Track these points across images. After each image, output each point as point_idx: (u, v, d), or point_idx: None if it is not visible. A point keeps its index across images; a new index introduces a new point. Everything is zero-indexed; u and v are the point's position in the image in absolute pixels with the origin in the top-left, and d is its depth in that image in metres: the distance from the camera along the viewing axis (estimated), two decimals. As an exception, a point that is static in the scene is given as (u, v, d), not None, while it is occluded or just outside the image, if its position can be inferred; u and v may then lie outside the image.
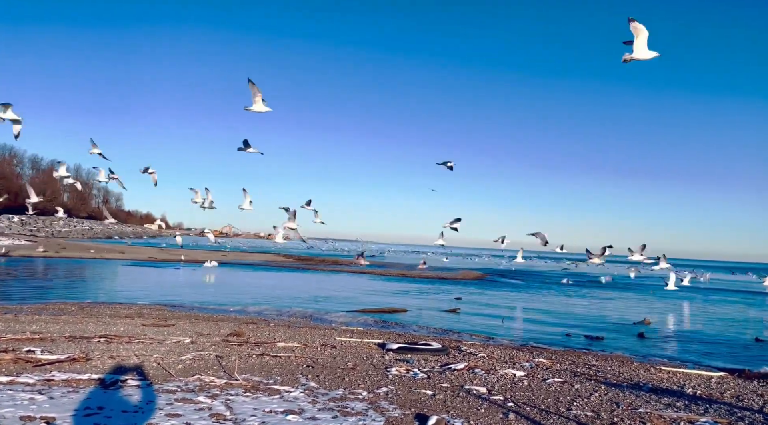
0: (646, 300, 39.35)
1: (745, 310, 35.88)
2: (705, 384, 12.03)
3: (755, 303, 41.91)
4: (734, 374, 13.59)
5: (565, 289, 46.17)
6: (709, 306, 37.80)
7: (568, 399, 9.82)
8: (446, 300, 32.63)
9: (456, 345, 15.75)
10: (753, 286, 63.73)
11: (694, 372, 13.49)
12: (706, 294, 47.36)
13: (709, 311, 33.95)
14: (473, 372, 11.72)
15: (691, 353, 18.79)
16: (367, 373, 11.11)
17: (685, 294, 47.04)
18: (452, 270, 62.41)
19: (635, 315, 28.19)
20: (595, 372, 12.78)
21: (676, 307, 35.40)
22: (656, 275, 48.70)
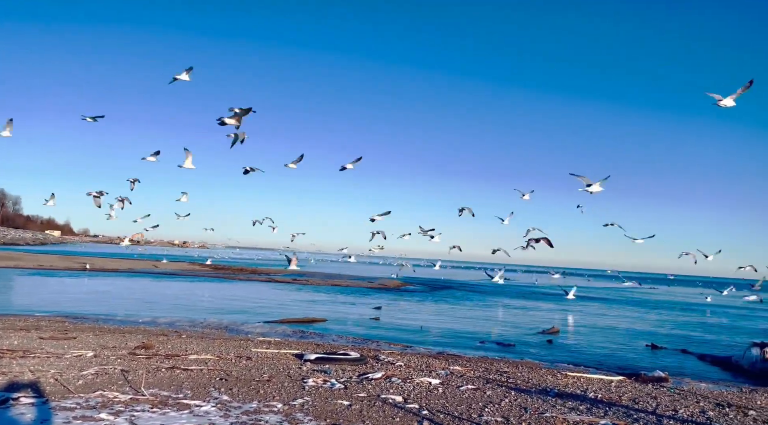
0: (555, 309, 41.38)
1: (640, 317, 38.56)
2: (606, 388, 12.81)
3: (649, 310, 45.13)
4: (631, 378, 14.57)
5: (482, 298, 47.72)
6: (610, 313, 40.31)
7: (480, 405, 10.12)
8: (367, 309, 32.73)
9: (374, 354, 15.81)
10: (644, 294, 68.87)
11: (596, 377, 14.33)
12: (608, 303, 50.58)
13: (609, 318, 36.20)
14: (390, 381, 11.81)
15: (594, 358, 19.94)
16: (283, 385, 10.90)
17: (587, 303, 50.07)
18: (374, 279, 62.71)
19: (545, 323, 29.58)
20: (507, 378, 13.26)
21: (580, 315, 37.45)
22: (561, 285, 51.52)
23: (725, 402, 11.87)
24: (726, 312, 48.01)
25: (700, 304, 55.90)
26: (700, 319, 39.78)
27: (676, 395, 12.50)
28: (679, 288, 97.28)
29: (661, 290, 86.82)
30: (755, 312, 49.34)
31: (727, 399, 12.30)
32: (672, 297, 68.62)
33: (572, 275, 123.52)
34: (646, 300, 58.00)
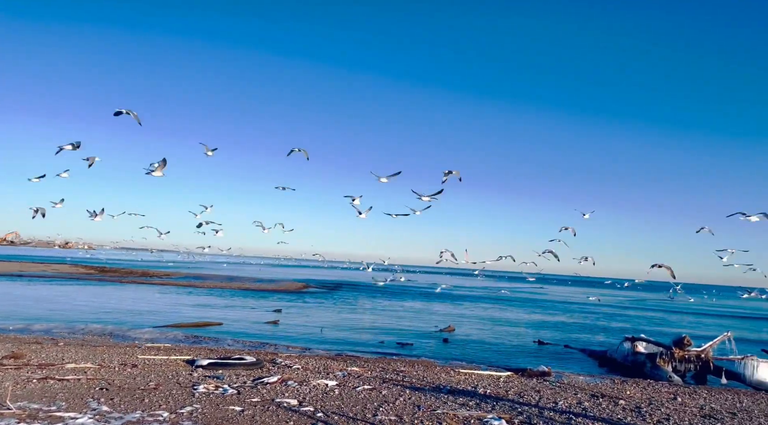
0: (452, 308, 42.85)
1: (529, 315, 40.96)
2: (494, 384, 13.44)
3: (539, 309, 48.05)
4: (518, 373, 15.40)
5: (385, 298, 48.39)
6: (504, 312, 42.43)
7: (375, 405, 10.22)
8: (266, 311, 32.02)
9: (271, 357, 15.47)
10: (538, 294, 73.41)
11: (486, 373, 15.00)
12: (503, 302, 53.23)
13: (503, 317, 38.11)
14: (286, 385, 11.60)
15: (487, 355, 20.86)
16: (171, 392, 10.35)
17: (483, 302, 52.43)
18: (274, 281, 61.50)
19: (442, 322, 30.55)
20: (403, 377, 13.51)
21: (477, 314, 39.08)
22: (466, 286, 53.63)
23: (599, 393, 12.89)
24: (607, 310, 52.26)
25: (585, 303, 60.43)
26: (583, 317, 42.90)
27: (557, 388, 13.38)
28: (571, 288, 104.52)
29: (555, 289, 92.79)
30: (630, 310, 54.13)
31: (601, 390, 13.36)
32: (562, 296, 73.54)
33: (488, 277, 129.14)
34: (536, 300, 61.67)
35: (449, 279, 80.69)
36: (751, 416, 11.50)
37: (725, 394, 14.24)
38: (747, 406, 12.65)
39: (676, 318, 46.66)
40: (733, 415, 11.44)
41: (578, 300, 65.48)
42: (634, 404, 11.85)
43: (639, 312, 52.54)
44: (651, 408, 11.49)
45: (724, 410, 11.94)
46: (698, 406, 12.19)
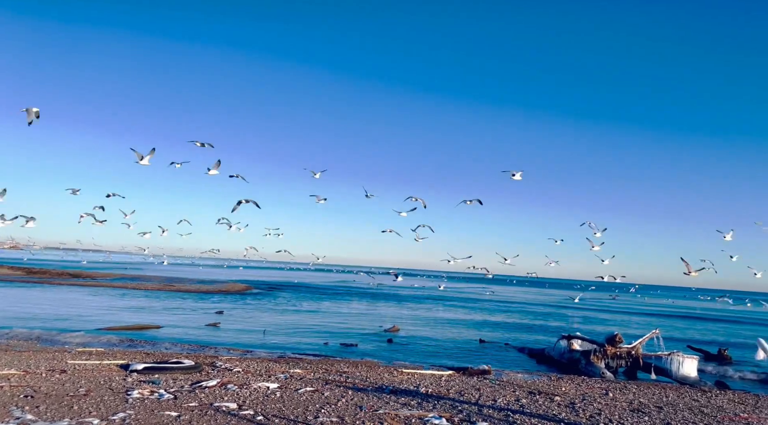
0: (397, 308, 43.14)
1: (472, 315, 41.77)
2: (436, 383, 13.61)
3: (481, 309, 49.06)
4: (460, 371, 15.67)
5: (331, 299, 48.15)
6: (448, 312, 43.08)
7: (317, 406, 10.14)
8: (207, 314, 31.21)
9: (211, 361, 15.09)
10: (482, 294, 74.96)
11: (429, 372, 15.18)
12: (446, 302, 54.03)
13: (447, 317, 38.69)
14: (226, 388, 11.34)
15: (430, 354, 21.12)
16: (103, 399, 9.91)
17: (428, 302, 53.06)
18: (216, 282, 60.04)
19: (387, 322, 30.69)
20: (346, 378, 13.47)
21: (421, 314, 39.50)
22: (407, 285, 54.10)
23: (536, 390, 13.28)
24: (547, 309, 53.98)
25: (527, 303, 62.20)
26: (524, 316, 44.11)
27: (496, 385, 13.70)
28: (514, 288, 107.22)
29: (500, 289, 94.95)
30: (569, 310, 56.11)
31: (538, 387, 13.77)
32: (505, 296, 75.34)
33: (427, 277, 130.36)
34: (479, 299, 62.92)
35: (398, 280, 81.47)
36: (676, 409, 12.14)
37: (653, 389, 14.99)
38: (672, 400, 13.35)
39: (610, 317, 48.67)
40: (660, 409, 12.05)
41: (520, 300, 67.35)
42: (569, 400, 12.29)
43: (578, 311, 54.51)
44: (584, 404, 11.94)
45: (651, 404, 12.56)
46: (628, 401, 12.77)
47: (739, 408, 12.95)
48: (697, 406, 12.67)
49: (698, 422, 10.87)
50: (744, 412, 12.38)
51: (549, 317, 44.67)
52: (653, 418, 10.96)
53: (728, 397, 14.46)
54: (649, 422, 10.60)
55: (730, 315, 60.57)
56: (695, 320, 51.46)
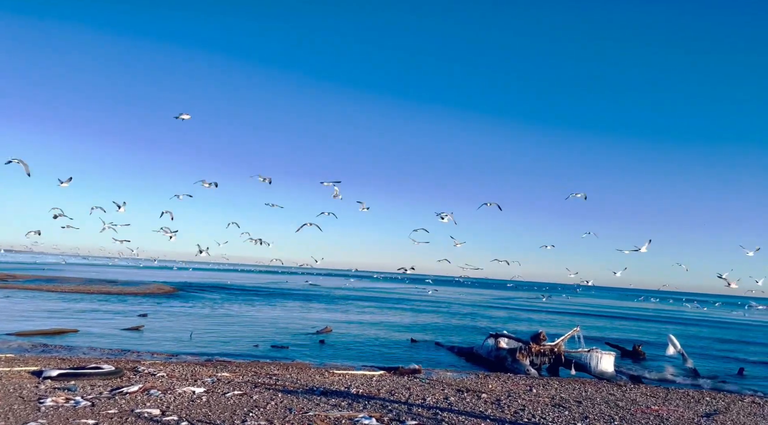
0: (330, 309, 42.95)
1: (405, 315, 42.23)
2: (367, 383, 13.66)
3: (414, 309, 49.70)
4: (391, 371, 15.80)
5: (264, 300, 47.23)
6: (381, 312, 43.33)
7: (245, 410, 9.93)
8: (129, 317, 29.82)
9: (133, 366, 14.43)
10: (415, 294, 75.98)
11: (360, 373, 15.21)
12: (380, 303, 54.35)
13: (380, 317, 38.90)
14: (149, 394, 10.88)
15: (363, 355, 21.17)
16: (12, 408, 9.26)
17: (362, 302, 53.19)
18: (141, 284, 57.49)
19: (320, 323, 30.48)
20: (276, 380, 13.27)
21: (354, 315, 39.52)
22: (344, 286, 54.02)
23: (464, 388, 13.60)
24: (476, 309, 55.38)
25: (457, 303, 63.55)
26: (455, 316, 45.05)
27: (426, 384, 13.92)
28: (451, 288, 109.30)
29: (433, 289, 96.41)
30: (497, 310, 57.80)
31: (466, 385, 14.12)
32: (438, 296, 76.65)
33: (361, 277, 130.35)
34: (412, 300, 63.70)
35: (321, 279, 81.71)
36: (594, 403, 12.79)
37: (573, 384, 15.72)
38: (591, 394, 14.05)
39: (537, 316, 50.59)
40: (579, 403, 12.65)
41: (453, 300, 68.78)
42: (495, 397, 12.67)
43: (507, 311, 56.27)
44: (509, 400, 12.35)
45: (571, 399, 13.16)
46: (550, 396, 13.32)
47: (651, 400, 13.80)
48: (612, 400, 13.40)
49: (613, 415, 11.50)
50: (655, 404, 13.21)
51: (479, 316, 45.86)
52: (573, 412, 11.49)
53: (641, 391, 15.39)
54: (569, 416, 11.10)
55: (653, 315, 64.44)
56: (618, 319, 54.35)
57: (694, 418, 11.82)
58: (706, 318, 63.77)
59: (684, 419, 11.64)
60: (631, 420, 11.07)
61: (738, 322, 59.23)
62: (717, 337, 39.34)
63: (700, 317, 64.50)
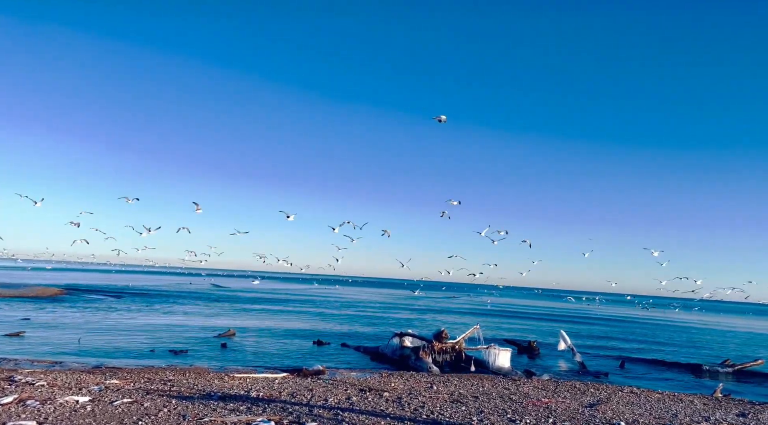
0: (235, 312, 41.70)
1: (312, 316, 41.87)
2: (269, 386, 13.36)
3: (321, 310, 49.43)
4: (294, 373, 15.58)
5: (163, 303, 44.88)
6: (287, 314, 42.66)
7: (134, 419, 9.35)
8: (9, 321, 27.25)
9: (9, 375, 13.17)
10: (324, 295, 75.63)
11: (262, 376, 14.86)
12: (287, 304, 53.53)
13: (286, 318, 38.27)
14: (24, 405, 9.97)
15: (267, 357, 20.71)
16: None
17: (269, 304, 52.13)
18: (23, 286, 52.72)
19: (223, 326, 29.48)
20: (170, 386, 12.64)
21: (260, 316, 38.62)
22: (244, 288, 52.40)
23: (367, 387, 13.69)
24: (383, 309, 56.01)
25: (365, 302, 63.93)
26: (362, 316, 45.27)
27: (329, 385, 13.86)
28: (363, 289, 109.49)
29: (344, 290, 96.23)
30: (403, 311, 58.82)
31: (369, 385, 14.21)
32: (347, 297, 76.69)
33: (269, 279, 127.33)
34: (317, 301, 63.32)
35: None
36: (490, 398, 13.34)
37: (472, 380, 16.30)
38: (487, 389, 14.64)
39: (441, 316, 52.09)
40: (476, 398, 13.14)
41: (360, 300, 69.18)
42: (397, 395, 12.86)
43: (412, 312, 57.40)
44: (410, 398, 12.59)
45: (469, 394, 13.64)
46: (449, 392, 13.73)
47: (542, 393, 14.62)
48: (507, 394, 14.04)
49: (507, 408, 12.04)
50: (545, 397, 14.00)
51: (386, 316, 46.40)
52: (469, 407, 11.91)
53: (534, 384, 16.25)
54: (466, 411, 11.49)
55: (553, 313, 68.33)
56: (521, 318, 57.11)
57: (579, 408, 12.65)
58: (605, 316, 68.68)
59: (570, 409, 12.43)
60: (522, 413, 11.65)
61: (621, 318, 64.32)
62: (602, 334, 42.46)
63: (598, 315, 69.36)
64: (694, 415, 12.80)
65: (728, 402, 15.42)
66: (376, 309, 55.62)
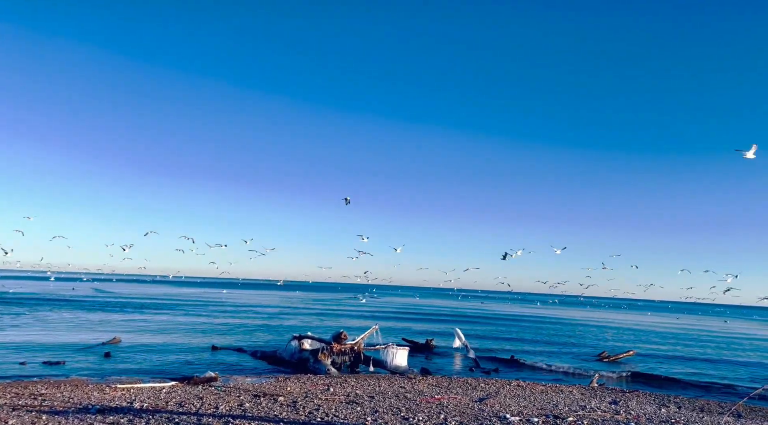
0: (122, 316, 39.07)
1: (207, 320, 40.18)
2: (155, 396, 12.61)
3: (217, 314, 47.55)
4: (184, 381, 14.83)
5: (33, 310, 40.94)
6: (180, 318, 40.61)
7: (-6, 440, 8.44)
8: None
9: None
10: (215, 299, 72.96)
11: (148, 386, 14.00)
12: (180, 309, 51.00)
13: (179, 323, 36.42)
14: None
15: (156, 365, 19.55)
16: None
17: (160, 310, 49.42)
18: None
19: (107, 333, 27.48)
20: (42, 401, 11.55)
21: (150, 321, 36.46)
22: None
23: (262, 393, 13.34)
24: (282, 311, 55.01)
25: (262, 305, 62.43)
26: (260, 319, 44.10)
27: (222, 392, 13.34)
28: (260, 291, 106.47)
29: (237, 293, 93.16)
30: (303, 313, 58.16)
31: (264, 390, 13.86)
32: (242, 300, 74.38)
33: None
34: (215, 304, 60.98)
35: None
36: (385, 397, 13.49)
37: (369, 380, 16.42)
38: (384, 389, 14.81)
39: (344, 320, 52.12)
40: (372, 398, 13.24)
41: (256, 303, 67.54)
42: (292, 399, 12.64)
43: (314, 316, 56.93)
44: (306, 401, 12.42)
45: (365, 394, 13.72)
46: (346, 393, 13.72)
47: (436, 390, 15.03)
48: (402, 392, 14.29)
49: (401, 406, 12.24)
50: (438, 394, 14.41)
51: (285, 319, 45.61)
52: (365, 408, 11.97)
53: (428, 382, 16.68)
54: (361, 411, 11.53)
55: (455, 313, 70.52)
56: (424, 320, 58.43)
57: (469, 403, 13.14)
58: (502, 314, 72.02)
59: (461, 405, 12.87)
60: (416, 410, 11.90)
61: (515, 316, 67.99)
62: (496, 332, 44.62)
63: (496, 314, 72.63)
64: (572, 405, 13.74)
65: (603, 392, 16.76)
66: (275, 312, 54.53)
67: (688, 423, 11.96)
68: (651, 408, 13.88)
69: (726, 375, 24.91)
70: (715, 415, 13.46)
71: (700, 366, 27.71)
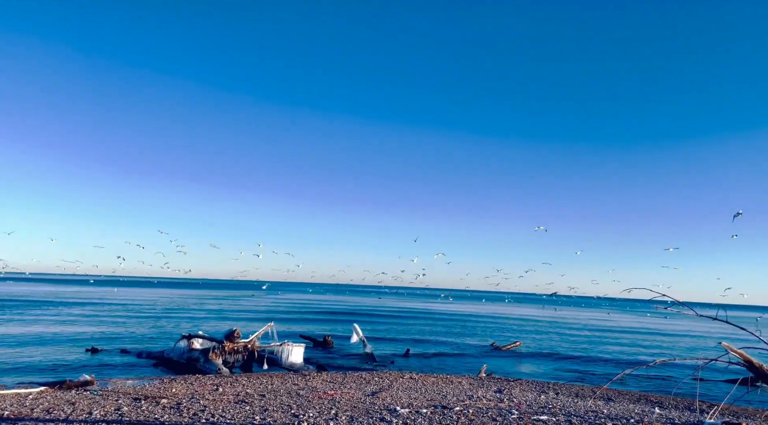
0: None
1: (86, 320, 37.33)
2: (20, 403, 11.45)
3: (99, 313, 44.36)
4: (56, 386, 13.61)
5: None
6: (56, 318, 37.42)
7: None
8: None
9: None
10: (97, 298, 68.12)
11: (12, 392, 12.68)
12: (56, 307, 46.99)
13: (53, 324, 33.52)
14: None
15: (24, 371, 17.82)
16: None
17: (33, 309, 45.24)
18: None
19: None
20: None
21: (18, 323, 33.22)
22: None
23: (143, 396, 12.54)
24: (172, 310, 52.38)
25: (148, 303, 59.07)
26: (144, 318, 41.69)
27: (97, 396, 12.38)
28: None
29: (130, 291, 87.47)
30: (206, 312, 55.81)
31: (146, 392, 13.05)
32: (126, 298, 69.94)
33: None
34: (98, 303, 56.89)
35: None
36: (277, 395, 13.20)
37: (262, 378, 16.01)
38: (276, 387, 14.49)
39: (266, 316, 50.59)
40: (263, 396, 12.90)
41: (142, 300, 63.92)
42: (176, 401, 12.00)
43: (210, 313, 54.73)
44: (191, 403, 11.84)
45: (256, 393, 13.34)
46: (235, 393, 13.26)
47: (329, 386, 14.96)
48: (295, 389, 14.06)
49: (292, 404, 12.03)
50: (332, 389, 14.34)
51: (176, 317, 43.50)
52: (254, 407, 11.62)
53: (323, 378, 16.57)
54: (250, 411, 11.18)
55: (356, 310, 70.65)
56: (326, 318, 58.04)
57: (362, 397, 13.19)
58: (402, 310, 73.30)
59: (354, 399, 12.89)
60: (307, 407, 11.73)
61: (413, 312, 69.63)
62: (395, 327, 45.46)
63: (398, 310, 73.81)
64: (460, 395, 14.25)
65: (489, 381, 17.55)
66: (165, 311, 51.78)
67: (564, 408, 12.79)
68: (532, 395, 14.72)
69: (601, 358, 27.08)
70: (588, 400, 14.54)
71: (579, 353, 29.92)
